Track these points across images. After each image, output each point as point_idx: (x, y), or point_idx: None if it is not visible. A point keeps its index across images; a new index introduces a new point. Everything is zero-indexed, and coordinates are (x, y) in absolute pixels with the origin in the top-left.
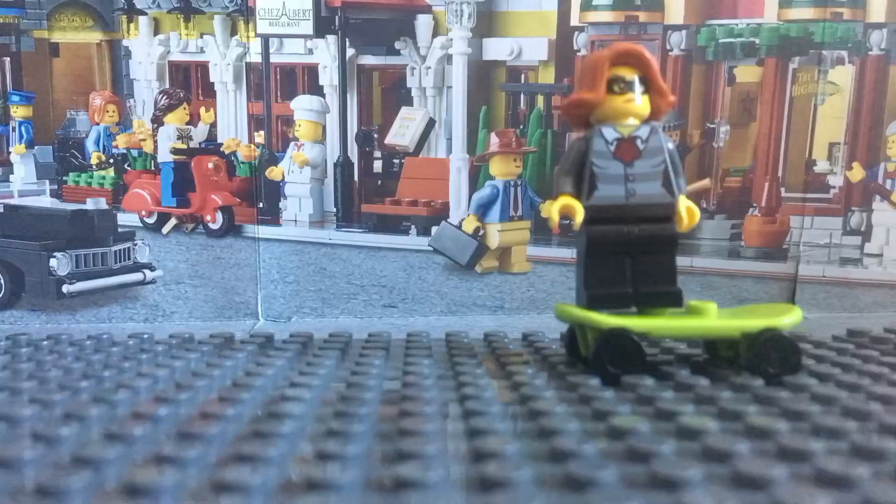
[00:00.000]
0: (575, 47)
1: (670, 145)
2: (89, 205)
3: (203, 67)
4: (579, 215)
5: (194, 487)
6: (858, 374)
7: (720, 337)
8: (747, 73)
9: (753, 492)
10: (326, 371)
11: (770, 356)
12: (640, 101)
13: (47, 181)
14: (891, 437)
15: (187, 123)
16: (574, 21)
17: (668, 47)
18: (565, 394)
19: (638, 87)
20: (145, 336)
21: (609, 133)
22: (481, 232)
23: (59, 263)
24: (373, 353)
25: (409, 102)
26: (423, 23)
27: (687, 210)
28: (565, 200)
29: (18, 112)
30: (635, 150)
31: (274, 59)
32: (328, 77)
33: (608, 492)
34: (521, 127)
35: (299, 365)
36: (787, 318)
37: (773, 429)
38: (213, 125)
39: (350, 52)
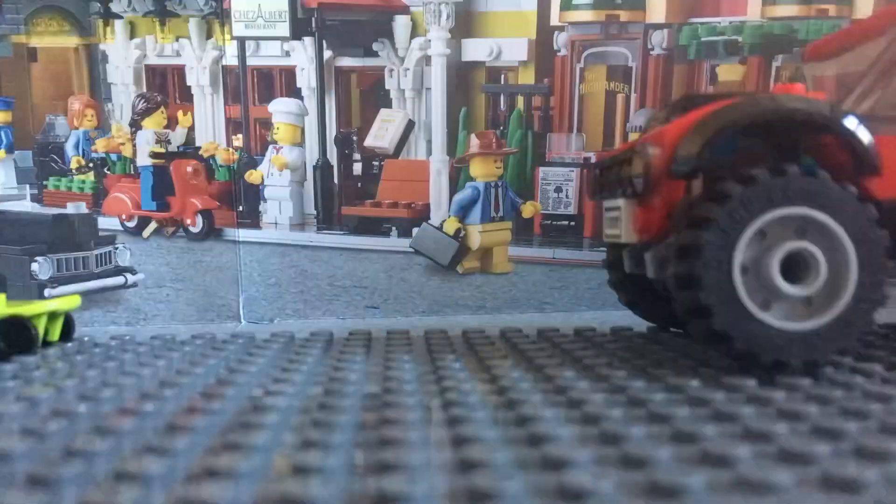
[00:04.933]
0: (555, 47)
1: None
2: (70, 209)
3: (179, 71)
4: None
5: None
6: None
7: None
8: (730, 71)
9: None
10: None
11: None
12: None
13: (27, 186)
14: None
15: (165, 127)
16: (554, 21)
17: (649, 46)
18: (553, 397)
19: None
20: (126, 337)
21: None
22: (462, 233)
23: (41, 268)
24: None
25: (388, 104)
26: (400, 24)
27: None
28: None
29: None
30: None
31: (251, 61)
32: (306, 79)
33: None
34: (502, 128)
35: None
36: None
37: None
38: (191, 129)
39: (327, 54)
